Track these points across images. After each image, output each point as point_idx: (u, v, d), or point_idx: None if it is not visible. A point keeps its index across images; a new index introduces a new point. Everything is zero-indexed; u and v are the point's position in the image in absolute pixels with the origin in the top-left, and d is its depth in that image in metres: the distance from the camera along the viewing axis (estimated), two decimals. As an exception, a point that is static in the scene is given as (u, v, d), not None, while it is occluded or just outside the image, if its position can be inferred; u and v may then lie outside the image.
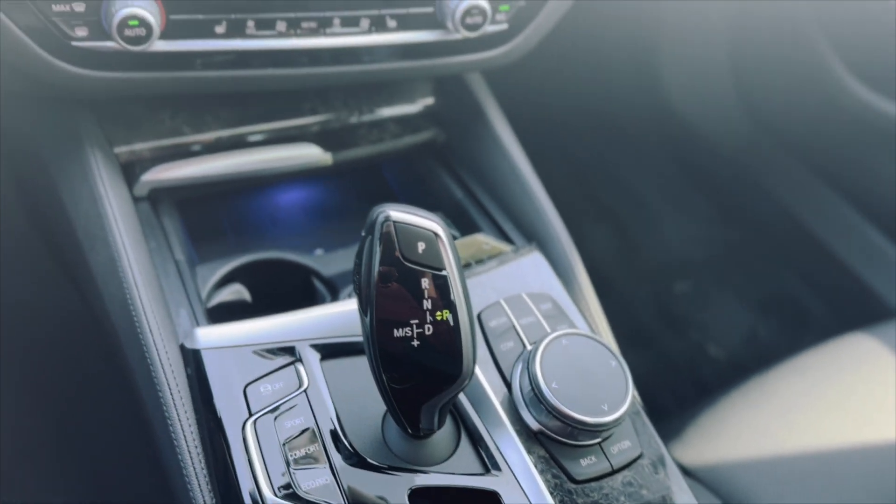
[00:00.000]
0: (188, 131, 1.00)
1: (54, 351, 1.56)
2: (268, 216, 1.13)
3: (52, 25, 0.76)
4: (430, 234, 0.61)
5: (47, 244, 1.30)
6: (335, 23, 0.86)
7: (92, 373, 1.45)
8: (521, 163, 1.02)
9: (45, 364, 1.58)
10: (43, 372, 1.58)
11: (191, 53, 0.84)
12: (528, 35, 0.97)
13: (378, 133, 1.10)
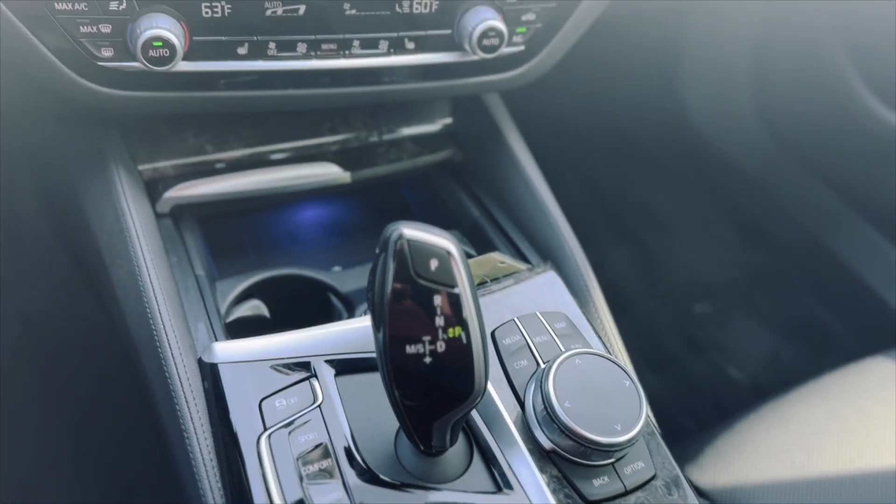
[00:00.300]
0: (211, 150, 1.02)
1: (76, 362, 1.59)
2: (287, 233, 1.15)
3: (80, 46, 0.78)
4: (442, 252, 0.61)
5: (72, 258, 1.33)
6: (355, 45, 0.88)
7: (111, 384, 1.47)
8: (537, 182, 1.03)
9: (66, 374, 1.61)
10: (64, 382, 1.61)
11: (213, 74, 0.86)
12: (544, 57, 0.98)
13: (396, 152, 1.11)
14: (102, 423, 1.54)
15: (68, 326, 1.61)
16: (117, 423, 1.52)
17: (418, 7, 0.87)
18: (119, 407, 1.50)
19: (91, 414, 1.56)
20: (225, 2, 0.81)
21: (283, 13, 0.83)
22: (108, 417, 1.54)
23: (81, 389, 1.59)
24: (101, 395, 1.56)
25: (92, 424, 1.55)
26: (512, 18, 0.91)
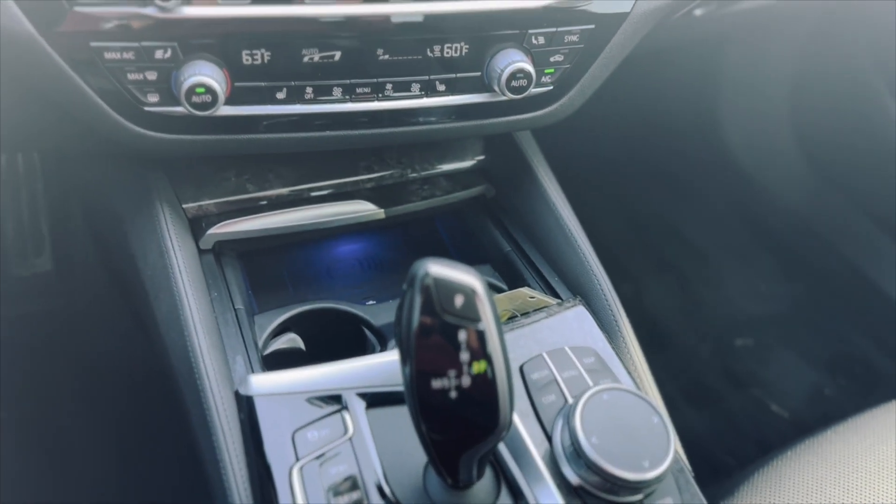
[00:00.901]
0: (252, 189, 1.06)
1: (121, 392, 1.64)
2: (325, 267, 1.18)
3: (127, 92, 0.83)
4: (467, 289, 0.63)
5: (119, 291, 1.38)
6: (388, 88, 0.91)
7: (153, 414, 1.51)
8: (567, 217, 1.04)
9: (110, 403, 1.66)
10: (108, 411, 1.66)
11: (254, 117, 0.90)
12: (573, 96, 1.00)
13: (430, 189, 1.14)
14: (144, 451, 1.59)
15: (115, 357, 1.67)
16: (158, 452, 1.57)
17: (449, 51, 0.90)
18: (159, 435, 1.54)
19: (133, 441, 1.60)
20: (265, 49, 0.85)
21: (319, 59, 0.87)
22: (148, 446, 1.59)
23: (125, 418, 1.64)
24: (143, 423, 1.61)
25: (134, 452, 1.59)
26: (540, 60, 0.94)
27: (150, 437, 1.58)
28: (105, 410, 1.68)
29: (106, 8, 0.77)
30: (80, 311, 1.83)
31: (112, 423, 1.66)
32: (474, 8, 0.88)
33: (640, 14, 0.97)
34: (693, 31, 1.62)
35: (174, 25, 0.80)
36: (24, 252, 1.93)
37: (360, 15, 0.85)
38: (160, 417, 1.49)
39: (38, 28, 0.76)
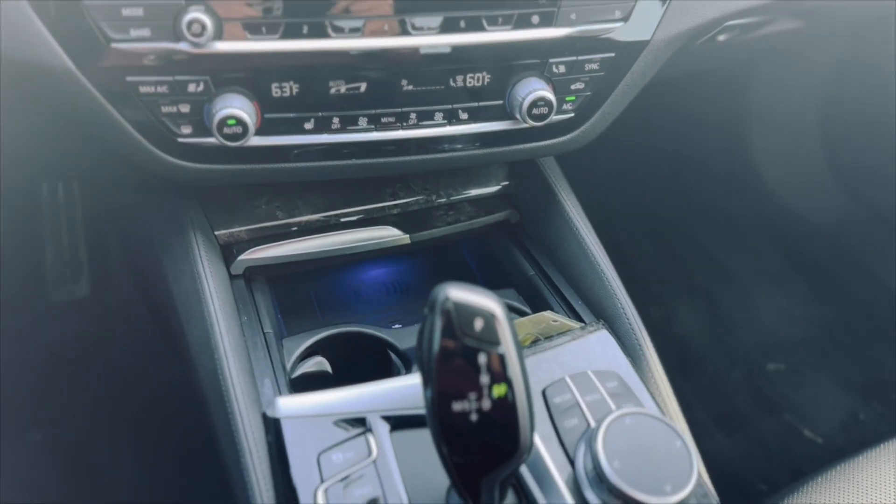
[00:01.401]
0: (281, 215, 1.09)
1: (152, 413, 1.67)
2: (352, 292, 1.20)
3: (161, 124, 0.86)
4: (487, 313, 0.64)
5: (151, 314, 1.42)
6: (412, 117, 0.93)
7: (183, 435, 1.54)
8: (591, 241, 1.05)
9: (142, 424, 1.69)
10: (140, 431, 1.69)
11: (283, 147, 0.93)
12: (594, 122, 1.01)
13: (454, 214, 1.16)
14: (174, 473, 1.61)
15: (148, 381, 1.71)
16: (188, 473, 1.59)
17: (471, 81, 0.92)
18: (190, 458, 1.57)
19: (164, 463, 1.63)
20: (293, 82, 0.88)
21: (345, 91, 0.90)
22: (179, 468, 1.61)
23: (157, 441, 1.68)
24: (174, 446, 1.64)
25: (165, 473, 1.62)
26: (561, 88, 0.95)
27: (181, 459, 1.61)
28: (138, 434, 1.71)
29: (142, 44, 0.80)
30: (115, 336, 1.88)
31: (144, 446, 1.69)
32: (498, 39, 0.90)
33: (661, 42, 0.98)
34: (719, 56, 1.62)
35: (206, 60, 0.83)
36: (63, 278, 1.99)
37: (387, 48, 0.87)
38: (191, 440, 1.52)
39: (77, 63, 0.80)
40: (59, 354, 1.82)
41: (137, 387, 1.75)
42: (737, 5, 1.02)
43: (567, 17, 0.91)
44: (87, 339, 1.88)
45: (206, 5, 0.80)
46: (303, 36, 0.85)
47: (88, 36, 0.79)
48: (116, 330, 1.90)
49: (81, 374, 1.80)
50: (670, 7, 0.97)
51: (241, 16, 0.82)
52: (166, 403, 1.63)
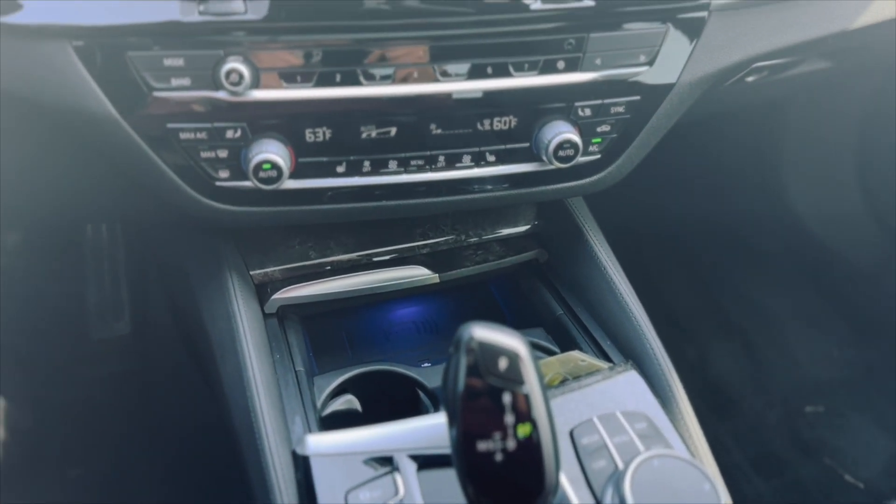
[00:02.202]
0: (314, 256, 1.12)
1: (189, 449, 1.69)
2: (382, 331, 1.22)
3: (200, 168, 0.90)
4: (511, 353, 0.65)
5: (188, 351, 1.45)
6: (440, 160, 0.96)
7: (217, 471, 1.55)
8: (619, 281, 1.06)
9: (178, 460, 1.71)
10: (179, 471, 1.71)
11: (316, 190, 0.96)
12: (621, 164, 1.03)
13: (483, 254, 1.17)
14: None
15: (184, 416, 1.73)
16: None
17: (498, 124, 0.95)
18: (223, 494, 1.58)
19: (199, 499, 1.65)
20: (326, 127, 0.91)
21: (376, 135, 0.92)
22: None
23: (192, 477, 1.69)
24: (208, 481, 1.65)
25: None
26: (587, 130, 0.97)
27: (216, 496, 1.62)
28: (174, 471, 1.73)
29: (182, 93, 0.84)
30: (154, 374, 1.91)
31: (180, 483, 1.71)
32: (524, 84, 0.92)
33: (686, 84, 0.99)
34: (750, 95, 1.63)
35: (244, 108, 0.87)
36: (104, 316, 2.04)
37: (416, 94, 0.90)
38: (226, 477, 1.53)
39: (120, 110, 0.84)
40: (99, 391, 1.86)
41: (175, 424, 1.77)
42: (762, 48, 1.03)
43: (592, 63, 0.93)
44: (126, 376, 1.92)
45: (244, 56, 0.84)
46: (336, 84, 0.88)
47: (132, 85, 0.83)
48: (155, 367, 1.93)
49: (120, 410, 1.84)
50: (696, 51, 0.98)
51: (277, 65, 0.85)
52: (203, 441, 1.65)
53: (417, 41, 0.88)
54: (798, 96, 2.00)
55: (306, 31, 0.85)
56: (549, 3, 0.88)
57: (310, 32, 0.85)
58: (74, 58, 0.81)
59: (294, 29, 0.84)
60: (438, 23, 0.87)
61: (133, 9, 0.81)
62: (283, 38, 0.85)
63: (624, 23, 0.93)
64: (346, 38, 0.86)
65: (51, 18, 0.80)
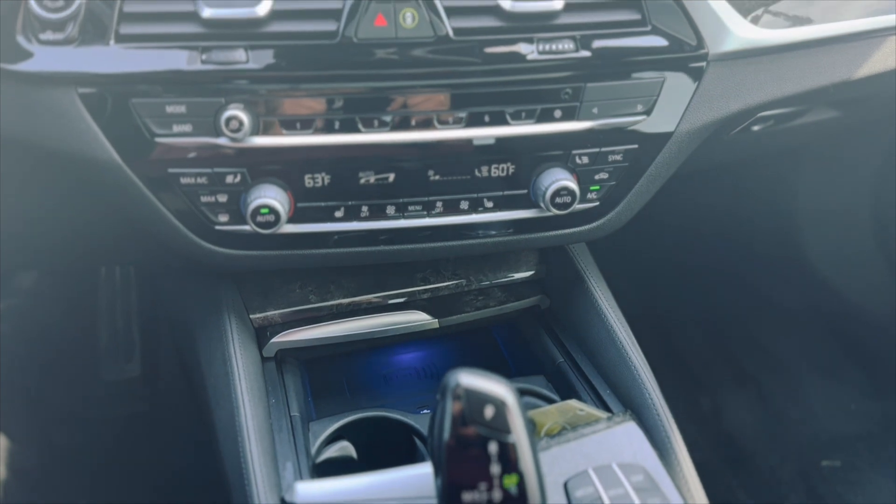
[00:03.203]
0: (314, 299, 1.12)
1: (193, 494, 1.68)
2: (382, 376, 1.21)
3: (200, 212, 0.91)
4: (498, 401, 0.64)
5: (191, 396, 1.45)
6: (438, 206, 0.96)
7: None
8: (619, 329, 1.04)
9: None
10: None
11: (315, 234, 0.96)
12: (620, 211, 1.03)
13: (484, 299, 1.17)
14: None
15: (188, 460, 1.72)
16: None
17: (496, 171, 0.95)
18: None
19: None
20: (325, 173, 0.92)
21: (374, 181, 0.93)
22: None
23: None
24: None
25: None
26: (585, 178, 0.98)
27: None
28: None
29: (183, 139, 0.86)
30: (162, 416, 1.91)
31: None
32: (521, 132, 0.93)
33: (685, 134, 1.00)
34: (758, 145, 1.62)
35: (244, 154, 0.89)
36: (116, 358, 2.05)
37: (414, 141, 0.91)
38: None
39: (122, 156, 0.86)
40: (107, 433, 1.86)
41: (180, 469, 1.76)
42: (762, 98, 1.04)
43: (589, 112, 0.93)
44: (134, 418, 1.92)
45: (245, 103, 0.86)
46: (335, 131, 0.89)
47: (134, 131, 0.85)
48: (164, 410, 1.94)
49: (126, 453, 1.84)
50: (694, 100, 0.98)
51: (277, 113, 0.87)
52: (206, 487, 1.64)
53: (416, 90, 0.89)
54: (812, 144, 1.99)
55: (305, 81, 0.87)
56: (545, 54, 0.89)
57: (309, 81, 0.87)
58: (79, 104, 0.83)
59: (293, 78, 0.86)
60: (436, 72, 0.89)
61: (138, 57, 0.83)
62: (283, 86, 0.86)
63: (621, 73, 0.94)
64: (344, 87, 0.88)
65: (60, 66, 0.82)
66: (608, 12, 0.91)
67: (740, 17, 0.97)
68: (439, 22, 0.86)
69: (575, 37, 0.90)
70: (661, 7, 0.93)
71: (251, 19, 0.83)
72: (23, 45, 0.81)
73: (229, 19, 0.83)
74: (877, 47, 1.13)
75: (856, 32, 1.08)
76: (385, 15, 0.85)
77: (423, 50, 0.87)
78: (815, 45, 1.06)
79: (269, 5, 0.83)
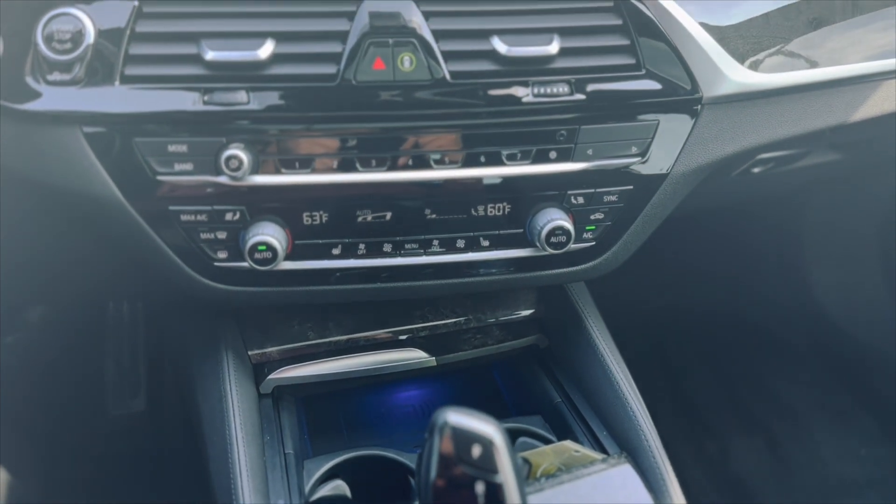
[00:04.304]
0: (313, 336, 1.13)
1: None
2: (380, 414, 1.21)
3: (199, 249, 0.93)
4: (485, 440, 0.64)
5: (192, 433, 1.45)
6: (434, 244, 0.97)
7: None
8: (616, 370, 1.04)
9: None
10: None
11: (312, 271, 0.97)
12: (616, 251, 1.03)
13: (482, 338, 1.17)
14: None
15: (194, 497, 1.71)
16: None
17: (492, 210, 0.96)
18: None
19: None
20: (323, 211, 0.94)
21: (372, 219, 0.95)
22: None
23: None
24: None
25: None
26: (580, 218, 0.98)
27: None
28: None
29: (184, 177, 0.88)
30: (167, 451, 1.91)
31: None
32: (516, 172, 0.94)
33: (680, 175, 1.00)
34: (761, 186, 1.63)
35: (243, 192, 0.90)
36: (121, 393, 2.06)
37: (411, 181, 0.93)
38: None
39: (124, 193, 0.88)
40: (111, 468, 1.86)
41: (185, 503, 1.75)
42: (757, 140, 1.05)
43: (584, 153, 0.95)
44: (138, 454, 1.92)
45: (245, 143, 0.88)
46: (333, 170, 0.91)
47: (136, 169, 0.87)
48: (168, 445, 1.93)
49: (130, 489, 1.83)
50: (688, 142, 1.00)
51: (276, 152, 0.89)
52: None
53: (413, 131, 0.91)
54: (817, 186, 2.00)
55: (305, 122, 0.89)
56: (540, 97, 0.91)
57: (308, 122, 0.89)
58: (84, 143, 0.85)
59: (293, 119, 0.88)
60: (433, 114, 0.91)
61: (142, 98, 0.85)
62: (283, 127, 0.88)
63: (615, 116, 0.95)
64: (343, 128, 0.90)
65: (66, 106, 0.85)
66: (603, 57, 0.93)
67: (734, 61, 0.98)
68: (436, 65, 0.88)
69: (570, 80, 0.92)
70: (656, 52, 0.94)
71: (253, 62, 0.85)
72: (31, 85, 0.84)
73: (232, 62, 0.85)
74: (874, 91, 1.14)
75: (852, 77, 1.10)
76: (384, 58, 0.87)
77: (420, 92, 0.89)
78: (810, 89, 1.07)
79: (271, 48, 0.85)
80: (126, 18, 0.84)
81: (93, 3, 0.84)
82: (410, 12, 0.87)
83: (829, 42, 1.07)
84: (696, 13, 0.96)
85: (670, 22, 0.94)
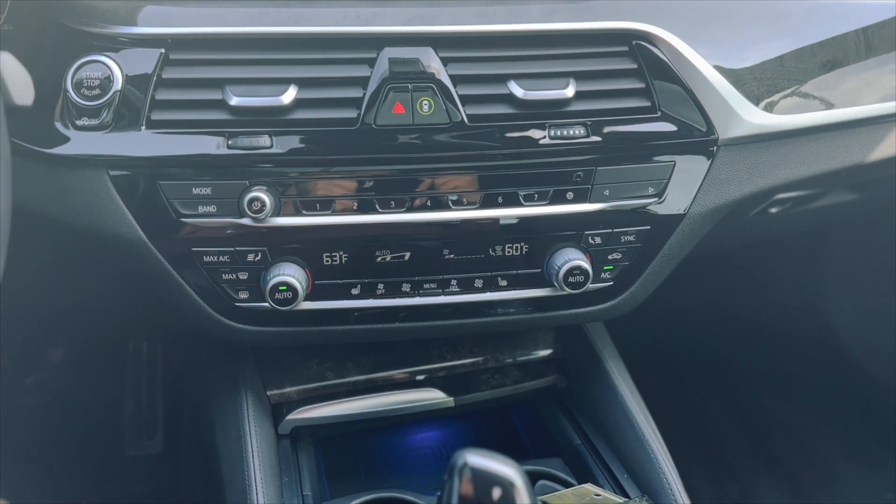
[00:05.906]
0: (331, 376, 1.13)
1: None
2: (398, 455, 1.20)
3: (221, 289, 0.94)
4: (506, 482, 0.64)
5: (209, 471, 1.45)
6: (452, 284, 0.98)
7: None
8: (636, 412, 1.03)
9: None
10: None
11: (331, 311, 0.98)
12: (634, 291, 1.03)
13: (500, 378, 1.17)
14: None
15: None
16: None
17: (510, 251, 0.97)
18: None
19: None
20: (343, 252, 0.95)
21: (391, 259, 0.96)
22: None
23: None
24: None
25: None
26: (598, 258, 0.99)
27: None
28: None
29: (208, 219, 0.90)
30: (183, 494, 1.90)
31: None
32: (534, 213, 0.95)
33: (697, 216, 1.01)
34: (780, 225, 1.63)
35: (265, 234, 0.92)
36: (139, 433, 2.06)
37: (430, 221, 0.94)
38: None
39: (148, 234, 0.90)
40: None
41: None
42: (774, 181, 1.05)
43: (600, 194, 0.95)
44: (155, 495, 1.91)
45: (267, 185, 0.89)
46: (353, 212, 0.92)
47: (161, 211, 0.89)
48: (185, 487, 1.92)
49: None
50: (705, 183, 1.00)
51: (298, 195, 0.91)
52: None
53: (432, 173, 0.93)
54: (837, 224, 1.99)
55: (326, 164, 0.90)
56: (557, 139, 0.92)
57: (329, 165, 0.90)
58: (110, 185, 0.88)
59: (315, 162, 0.90)
60: (452, 156, 0.92)
61: (168, 142, 0.88)
62: (305, 169, 0.90)
63: (631, 157, 0.96)
64: (363, 171, 0.91)
65: (93, 150, 0.87)
66: (618, 100, 0.94)
67: (749, 103, 0.99)
68: (455, 109, 0.90)
69: (586, 123, 0.93)
70: (671, 94, 0.96)
71: (276, 107, 0.87)
72: (60, 130, 0.86)
73: (256, 107, 0.87)
74: (889, 131, 1.14)
75: (867, 118, 1.10)
76: (403, 103, 0.89)
77: (439, 136, 0.90)
78: (826, 130, 1.08)
79: (294, 94, 0.88)
80: (153, 65, 0.86)
81: (121, 51, 0.86)
82: (429, 58, 0.89)
83: (844, 83, 1.08)
84: (710, 56, 0.97)
85: (685, 65, 0.95)
